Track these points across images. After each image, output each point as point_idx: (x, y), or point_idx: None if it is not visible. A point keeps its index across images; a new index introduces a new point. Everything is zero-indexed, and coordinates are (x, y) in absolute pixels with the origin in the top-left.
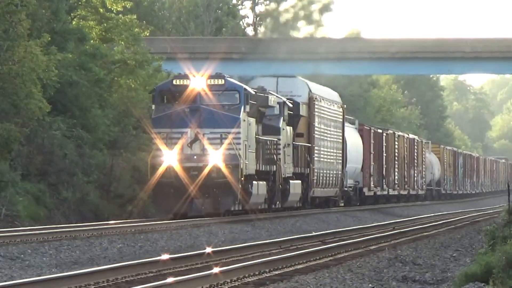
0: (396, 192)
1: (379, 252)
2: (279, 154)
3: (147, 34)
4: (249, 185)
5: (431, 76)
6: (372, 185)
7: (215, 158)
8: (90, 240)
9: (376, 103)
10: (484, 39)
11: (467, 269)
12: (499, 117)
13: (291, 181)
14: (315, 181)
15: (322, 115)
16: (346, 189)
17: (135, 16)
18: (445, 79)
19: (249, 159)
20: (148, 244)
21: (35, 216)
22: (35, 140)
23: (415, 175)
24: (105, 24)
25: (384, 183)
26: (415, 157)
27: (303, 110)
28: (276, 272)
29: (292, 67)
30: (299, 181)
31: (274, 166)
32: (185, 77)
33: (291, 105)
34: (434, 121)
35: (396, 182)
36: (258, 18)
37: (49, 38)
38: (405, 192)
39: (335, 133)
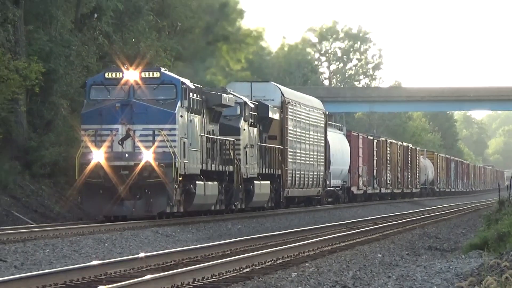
0: (388, 191)
1: (412, 229)
2: (239, 154)
3: None
4: (191, 186)
5: (447, 112)
6: (361, 185)
7: (147, 156)
8: (219, 223)
9: (411, 131)
10: (483, 87)
11: (471, 241)
12: (494, 139)
13: (255, 182)
14: (289, 181)
15: (297, 119)
16: (331, 188)
17: (249, 72)
18: (457, 114)
19: (190, 158)
20: (258, 225)
21: None
22: None
23: (409, 176)
24: (229, 78)
25: (375, 183)
26: (409, 161)
27: (274, 114)
28: (343, 244)
29: (354, 107)
30: (267, 182)
31: (231, 166)
32: (118, 70)
33: (252, 106)
34: (450, 143)
35: (388, 182)
36: (331, 73)
37: None
38: (399, 191)
39: (315, 137)
